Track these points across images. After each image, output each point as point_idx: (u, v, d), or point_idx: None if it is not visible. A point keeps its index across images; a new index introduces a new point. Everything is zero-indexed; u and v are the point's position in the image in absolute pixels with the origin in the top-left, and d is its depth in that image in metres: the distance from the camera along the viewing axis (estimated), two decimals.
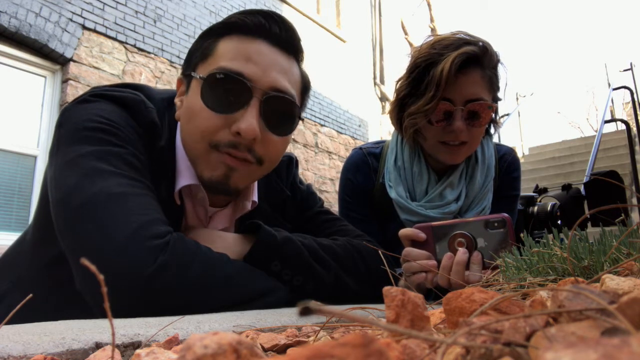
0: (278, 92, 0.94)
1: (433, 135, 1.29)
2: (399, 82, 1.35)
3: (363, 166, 1.45)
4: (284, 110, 0.96)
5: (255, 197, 1.10)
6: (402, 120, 1.34)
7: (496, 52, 1.29)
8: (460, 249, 0.97)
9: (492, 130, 1.43)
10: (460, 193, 1.34)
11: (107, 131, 0.88)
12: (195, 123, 0.94)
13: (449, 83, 1.21)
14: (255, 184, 1.12)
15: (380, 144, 1.51)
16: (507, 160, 1.47)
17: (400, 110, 1.35)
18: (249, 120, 0.90)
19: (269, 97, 0.92)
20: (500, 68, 1.33)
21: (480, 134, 1.30)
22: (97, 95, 0.95)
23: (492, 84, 1.29)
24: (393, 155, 1.41)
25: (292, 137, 1.11)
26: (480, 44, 1.25)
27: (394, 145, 1.43)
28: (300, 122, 1.03)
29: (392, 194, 1.35)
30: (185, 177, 0.96)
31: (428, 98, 1.22)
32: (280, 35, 0.97)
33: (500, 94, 1.37)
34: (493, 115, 1.37)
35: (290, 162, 1.26)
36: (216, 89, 0.92)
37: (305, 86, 1.06)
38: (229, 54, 0.94)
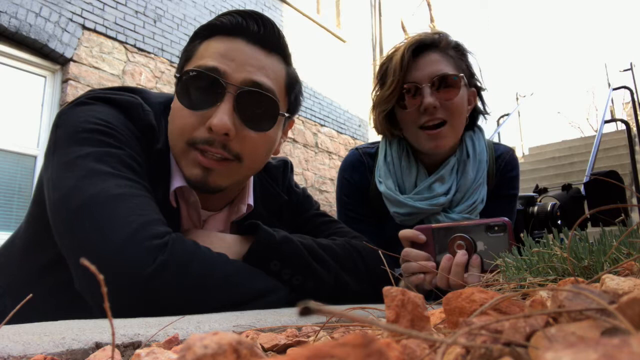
0: (253, 87, 0.92)
1: (411, 121, 1.31)
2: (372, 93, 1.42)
3: (359, 165, 1.46)
4: (261, 105, 0.94)
5: (250, 201, 1.09)
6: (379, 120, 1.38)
7: (455, 40, 1.35)
8: (459, 251, 0.97)
9: (479, 121, 1.44)
10: (450, 187, 1.34)
11: (106, 133, 0.88)
12: (175, 122, 0.95)
13: (409, 68, 1.28)
14: (251, 188, 1.11)
15: (376, 144, 1.52)
16: (504, 159, 1.47)
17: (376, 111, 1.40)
18: (221, 115, 0.89)
19: (243, 92, 0.91)
20: (469, 57, 1.37)
21: (459, 111, 1.30)
22: (94, 98, 0.95)
23: (457, 65, 1.32)
24: (383, 153, 1.43)
25: (292, 137, 1.10)
26: (436, 35, 1.33)
27: (383, 144, 1.45)
28: (300, 122, 1.03)
29: (382, 187, 1.36)
30: (177, 180, 0.96)
31: (390, 82, 1.29)
32: (259, 32, 0.96)
33: (482, 84, 1.41)
34: (480, 106, 1.40)
35: (286, 167, 1.27)
36: (191, 87, 0.92)
37: (291, 83, 1.04)
38: (207, 53, 0.94)
